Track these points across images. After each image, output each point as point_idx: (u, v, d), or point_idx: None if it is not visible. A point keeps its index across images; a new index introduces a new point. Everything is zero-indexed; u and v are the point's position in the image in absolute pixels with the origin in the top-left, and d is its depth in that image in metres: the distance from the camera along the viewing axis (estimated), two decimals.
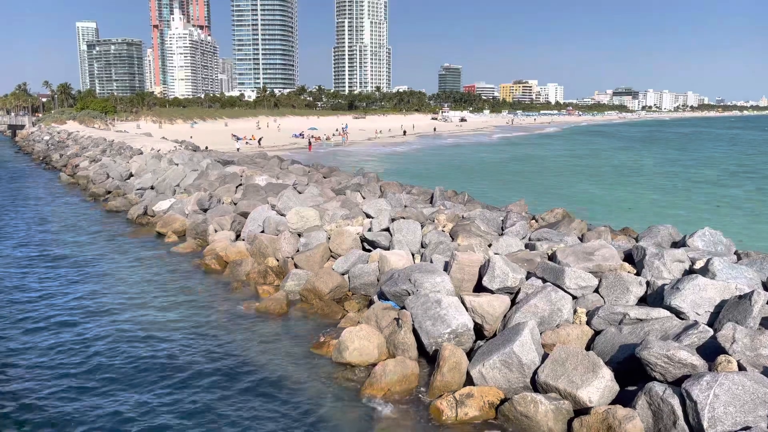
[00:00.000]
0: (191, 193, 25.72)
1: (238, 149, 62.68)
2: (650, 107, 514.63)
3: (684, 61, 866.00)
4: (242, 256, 17.66)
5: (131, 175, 34.43)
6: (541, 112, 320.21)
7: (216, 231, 20.15)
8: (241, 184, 25.79)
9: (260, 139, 77.76)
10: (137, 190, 29.98)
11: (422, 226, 16.25)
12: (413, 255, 15.05)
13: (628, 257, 12.71)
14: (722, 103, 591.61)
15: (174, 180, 28.94)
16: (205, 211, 22.73)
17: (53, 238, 22.16)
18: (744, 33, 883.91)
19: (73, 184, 37.43)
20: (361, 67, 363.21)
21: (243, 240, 19.04)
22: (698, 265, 11.34)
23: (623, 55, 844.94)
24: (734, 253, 12.80)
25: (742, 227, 25.24)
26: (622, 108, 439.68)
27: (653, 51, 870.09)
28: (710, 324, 9.52)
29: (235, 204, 22.77)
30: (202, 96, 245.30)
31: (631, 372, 8.90)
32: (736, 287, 9.92)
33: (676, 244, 13.75)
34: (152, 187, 29.56)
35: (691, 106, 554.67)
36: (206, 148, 56.17)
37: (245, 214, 20.52)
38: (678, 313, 9.84)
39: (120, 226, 24.21)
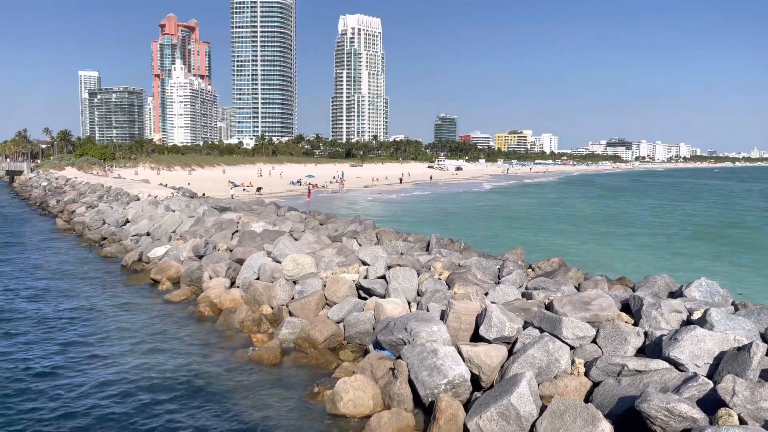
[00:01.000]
0: (187, 239, 25.67)
1: (232, 196, 62.86)
2: (644, 158, 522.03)
3: (676, 113, 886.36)
4: (237, 303, 17.50)
5: (127, 221, 34.42)
6: (536, 161, 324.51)
7: (211, 278, 20.02)
8: (237, 231, 25.77)
9: (259, 188, 78.00)
10: (133, 236, 29.92)
11: (418, 274, 16.18)
12: (409, 303, 14.92)
13: (626, 307, 12.64)
14: (714, 155, 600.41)
15: (170, 226, 28.92)
16: (201, 257, 22.64)
17: (44, 284, 21.95)
18: (735, 86, 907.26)
19: (68, 230, 37.34)
20: (358, 116, 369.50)
21: (238, 287, 18.90)
22: (696, 315, 11.28)
23: (616, 107, 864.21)
24: (731, 304, 12.74)
25: (740, 277, 25.22)
26: (616, 158, 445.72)
27: (646, 102, 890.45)
28: (709, 376, 9.40)
29: (230, 251, 22.70)
30: (201, 143, 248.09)
31: (630, 425, 8.72)
32: (735, 338, 9.83)
33: (672, 294, 13.70)
34: (148, 234, 29.50)
35: (684, 157, 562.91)
36: (203, 194, 56.45)
37: (241, 261, 20.43)
38: (677, 365, 9.72)
39: (114, 273, 24.03)
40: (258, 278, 18.62)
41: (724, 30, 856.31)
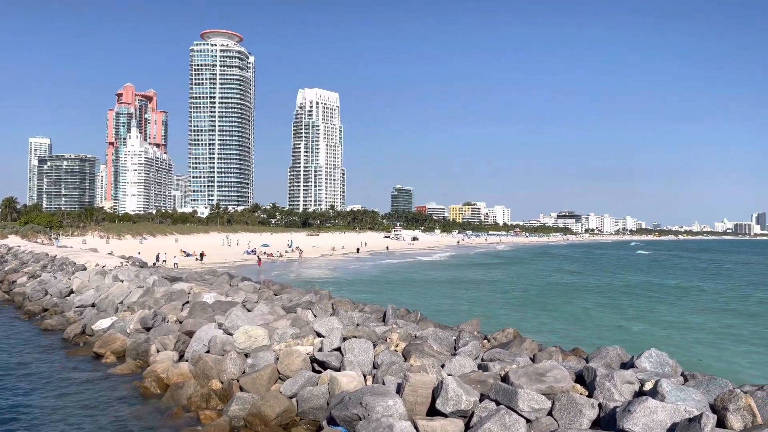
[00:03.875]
0: (135, 310, 24.75)
1: (175, 265, 60.90)
2: (593, 230, 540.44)
3: (623, 188, 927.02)
4: (185, 378, 16.75)
5: (71, 291, 33.04)
6: (490, 232, 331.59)
7: (158, 351, 19.21)
8: (188, 302, 25.04)
9: (201, 254, 76.31)
10: (77, 307, 28.66)
11: (375, 346, 15.94)
12: (365, 376, 14.60)
13: (579, 378, 12.69)
14: (658, 227, 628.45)
15: (117, 297, 27.89)
16: (149, 329, 21.78)
17: None
18: (675, 164, 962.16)
19: (7, 302, 35.55)
20: (315, 186, 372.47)
21: (187, 361, 18.15)
22: (647, 386, 11.41)
23: (566, 180, 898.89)
24: (681, 374, 12.95)
25: (690, 346, 25.83)
26: (566, 230, 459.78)
27: (594, 177, 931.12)
28: None
29: (180, 322, 21.95)
30: (154, 212, 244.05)
31: None
32: (686, 410, 9.95)
33: (624, 365, 13.86)
34: (93, 305, 28.33)
35: (630, 230, 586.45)
36: (154, 264, 54.99)
37: (190, 333, 19.74)
38: None
39: (53, 346, 22.80)
40: (208, 351, 17.97)
41: (669, 111, 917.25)
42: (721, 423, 9.69)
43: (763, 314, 38.24)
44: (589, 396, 11.71)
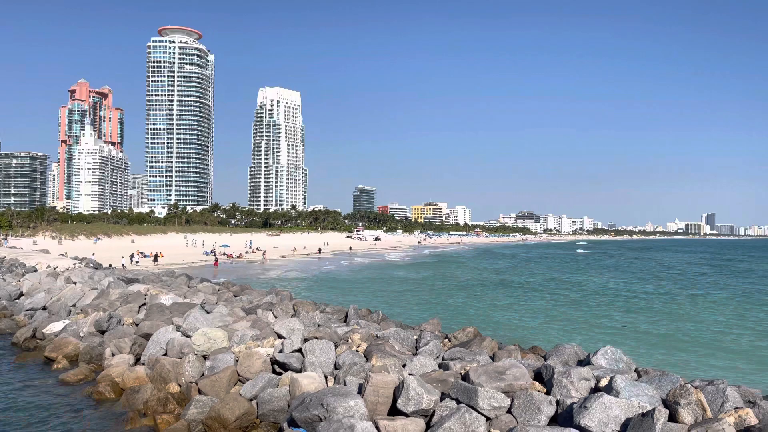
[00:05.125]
0: (89, 313, 24.04)
1: (123, 266, 59.46)
2: (551, 230, 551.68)
3: (579, 190, 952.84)
4: (141, 382, 16.34)
5: (21, 294, 31.90)
6: (451, 232, 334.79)
7: (113, 355, 18.71)
8: (144, 304, 24.46)
9: (156, 255, 74.60)
10: (27, 310, 27.67)
11: (336, 347, 15.89)
12: (326, 377, 14.54)
13: (538, 376, 12.92)
14: (614, 228, 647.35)
15: (70, 300, 27.04)
16: (103, 333, 21.19)
17: None
18: (630, 167, 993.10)
19: None
20: (277, 186, 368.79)
21: (143, 364, 17.72)
22: (603, 382, 11.69)
23: (525, 182, 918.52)
24: (634, 371, 13.32)
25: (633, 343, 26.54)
26: (525, 230, 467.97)
27: (553, 179, 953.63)
28: None
29: (136, 325, 21.42)
30: (110, 212, 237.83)
31: None
32: (639, 405, 10.24)
33: (581, 363, 14.17)
34: (44, 308, 27.41)
35: (587, 230, 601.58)
36: (109, 265, 53.61)
37: (147, 336, 19.29)
38: None
39: (2, 352, 21.94)
40: (165, 354, 17.59)
41: (625, 117, 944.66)
42: (672, 417, 10.00)
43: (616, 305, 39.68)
44: (548, 393, 11.93)
